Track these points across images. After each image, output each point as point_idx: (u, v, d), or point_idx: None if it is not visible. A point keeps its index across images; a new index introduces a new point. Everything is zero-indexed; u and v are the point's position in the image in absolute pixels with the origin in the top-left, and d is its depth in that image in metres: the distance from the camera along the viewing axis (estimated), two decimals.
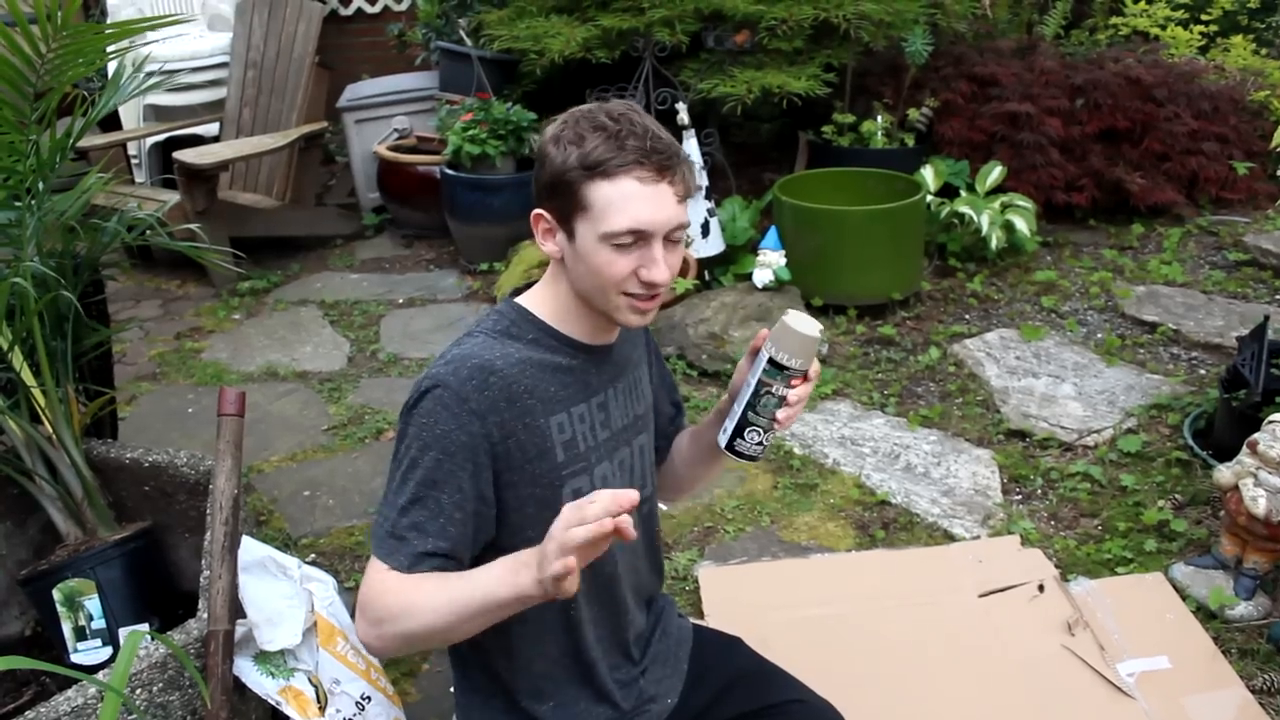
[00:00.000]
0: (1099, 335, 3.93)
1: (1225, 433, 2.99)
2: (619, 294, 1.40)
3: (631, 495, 1.16)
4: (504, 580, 1.25)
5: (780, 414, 1.43)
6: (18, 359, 2.18)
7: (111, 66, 2.75)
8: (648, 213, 1.34)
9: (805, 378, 1.44)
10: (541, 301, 1.49)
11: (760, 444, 1.46)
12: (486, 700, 1.58)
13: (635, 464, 1.59)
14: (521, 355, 1.43)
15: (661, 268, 1.37)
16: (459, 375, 1.37)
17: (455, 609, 1.29)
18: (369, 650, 1.42)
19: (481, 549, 1.43)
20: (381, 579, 1.35)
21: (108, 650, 2.10)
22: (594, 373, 1.51)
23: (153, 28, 2.25)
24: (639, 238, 1.36)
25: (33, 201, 2.17)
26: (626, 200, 1.34)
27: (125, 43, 2.31)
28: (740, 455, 1.47)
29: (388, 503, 1.39)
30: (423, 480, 1.37)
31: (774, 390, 1.43)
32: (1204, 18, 5.80)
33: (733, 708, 1.68)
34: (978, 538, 2.84)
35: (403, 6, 6.52)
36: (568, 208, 1.37)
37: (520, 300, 1.51)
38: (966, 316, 4.13)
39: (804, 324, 1.42)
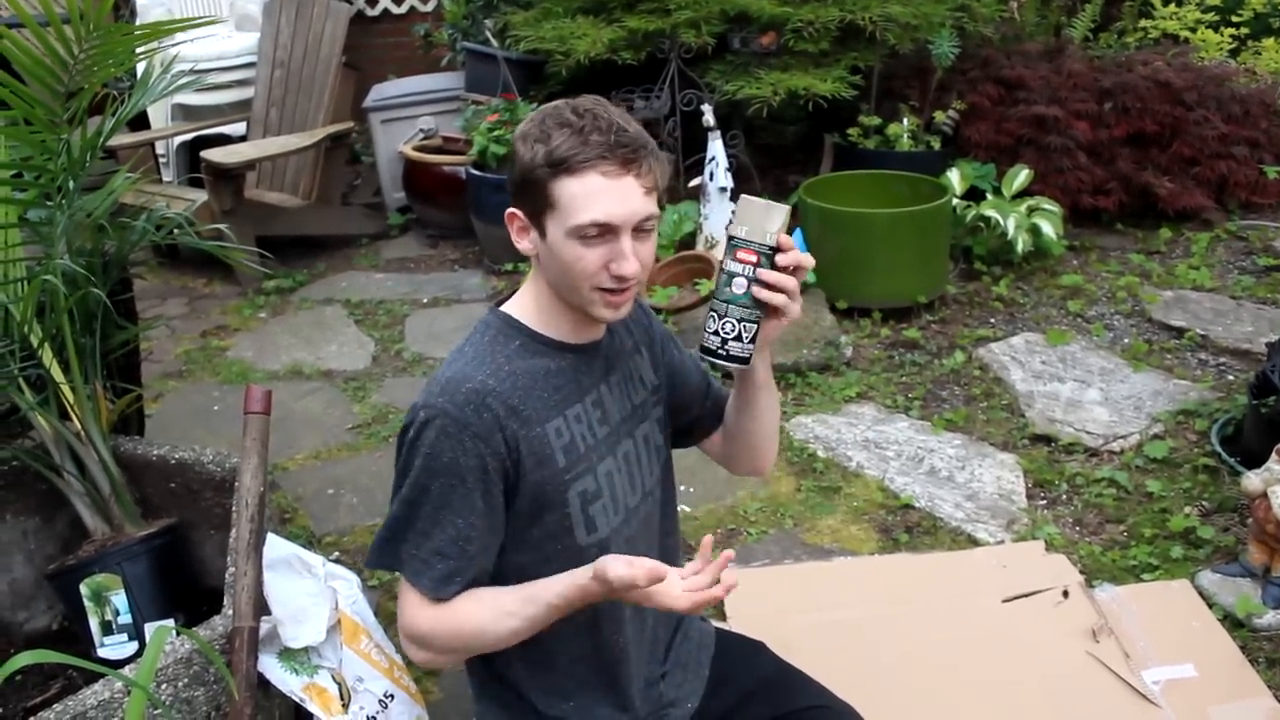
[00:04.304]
0: (1126, 340, 3.90)
1: (1254, 439, 2.96)
2: (591, 289, 1.40)
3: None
4: (573, 589, 1.37)
5: (737, 289, 1.41)
6: (47, 356, 2.20)
7: (141, 67, 2.77)
8: (613, 206, 1.34)
9: (761, 253, 1.41)
10: (524, 306, 1.51)
11: (718, 334, 1.43)
12: (504, 709, 1.59)
13: (640, 454, 1.59)
14: (511, 366, 1.44)
15: (631, 261, 1.37)
16: (455, 402, 1.38)
17: (510, 624, 1.41)
18: (420, 666, 1.47)
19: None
20: (418, 607, 1.43)
21: (133, 645, 2.12)
22: (585, 370, 1.52)
23: (182, 28, 2.27)
24: (606, 231, 1.36)
25: (63, 200, 2.19)
26: (591, 195, 1.34)
27: (154, 43, 2.32)
28: (706, 353, 1.46)
29: (414, 530, 1.42)
30: (438, 505, 1.40)
31: (729, 268, 1.42)
32: (1234, 20, 5.74)
33: (755, 714, 1.68)
34: (1002, 543, 2.82)
35: (429, 7, 6.54)
36: (537, 205, 1.39)
37: (504, 308, 1.53)
38: (992, 320, 4.11)
39: (758, 199, 1.42)
